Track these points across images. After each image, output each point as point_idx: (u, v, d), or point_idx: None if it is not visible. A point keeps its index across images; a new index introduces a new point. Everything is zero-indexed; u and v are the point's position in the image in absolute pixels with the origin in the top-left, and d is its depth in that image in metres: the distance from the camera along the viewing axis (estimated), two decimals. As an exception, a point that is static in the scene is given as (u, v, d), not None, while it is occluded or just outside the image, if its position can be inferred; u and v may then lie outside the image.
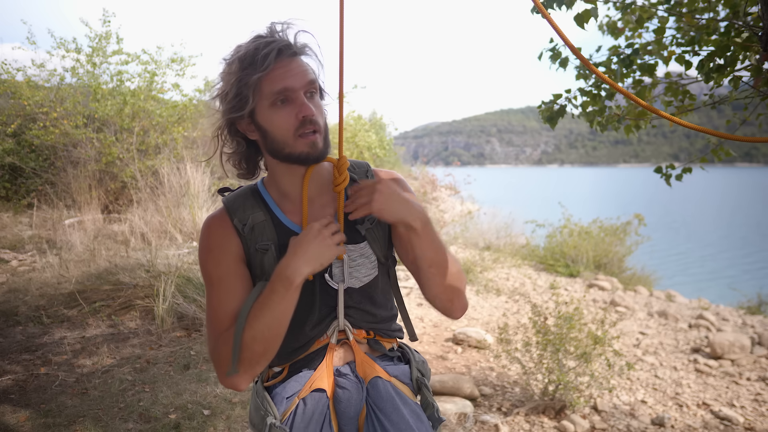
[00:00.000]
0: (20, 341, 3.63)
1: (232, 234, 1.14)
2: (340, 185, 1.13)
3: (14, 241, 6.23)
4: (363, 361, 1.20)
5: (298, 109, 1.05)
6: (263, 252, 1.12)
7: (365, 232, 1.18)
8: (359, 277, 1.18)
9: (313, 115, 1.05)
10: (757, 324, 5.41)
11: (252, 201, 1.17)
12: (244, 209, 1.15)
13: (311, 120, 1.05)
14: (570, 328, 3.12)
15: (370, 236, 1.19)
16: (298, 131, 1.06)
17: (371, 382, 1.17)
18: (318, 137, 1.07)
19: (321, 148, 1.08)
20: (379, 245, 1.20)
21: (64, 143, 7.96)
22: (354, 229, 1.18)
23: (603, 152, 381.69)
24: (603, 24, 2.75)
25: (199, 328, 3.84)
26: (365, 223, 1.18)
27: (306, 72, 1.07)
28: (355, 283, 1.17)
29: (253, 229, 1.14)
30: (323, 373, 1.17)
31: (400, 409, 1.14)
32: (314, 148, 1.07)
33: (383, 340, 1.26)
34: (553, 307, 4.33)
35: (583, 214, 9.23)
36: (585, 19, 2.19)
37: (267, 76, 1.03)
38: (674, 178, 2.63)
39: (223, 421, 2.74)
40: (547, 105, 2.68)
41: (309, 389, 1.16)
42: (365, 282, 1.19)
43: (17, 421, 2.63)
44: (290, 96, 1.05)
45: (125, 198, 8.12)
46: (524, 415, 3.05)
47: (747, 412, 3.34)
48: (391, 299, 1.29)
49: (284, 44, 1.05)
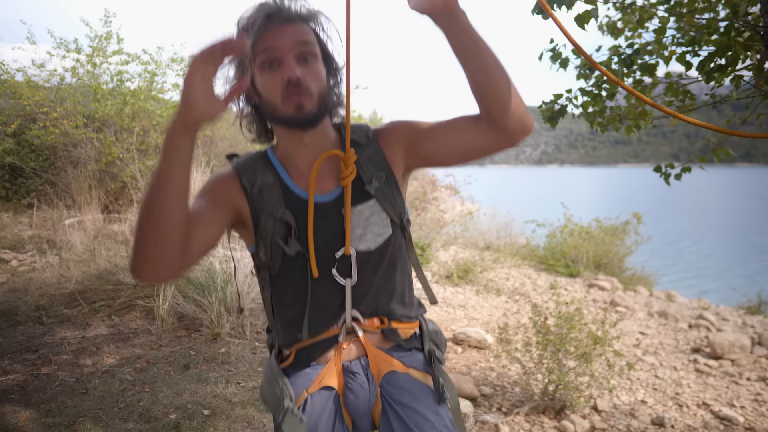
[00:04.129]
0: (20, 341, 3.63)
1: (238, 192, 1.13)
2: (347, 178, 1.11)
3: (14, 241, 6.23)
4: (376, 356, 1.17)
5: (283, 71, 1.05)
6: (270, 215, 1.11)
7: (375, 191, 1.15)
8: (372, 238, 1.14)
9: (298, 78, 1.04)
10: (757, 324, 5.41)
11: (261, 164, 1.16)
12: (254, 170, 1.15)
13: (296, 82, 1.04)
14: (570, 328, 3.12)
15: (380, 195, 1.15)
16: (284, 93, 1.05)
17: (386, 377, 1.15)
18: (305, 100, 1.06)
19: (309, 110, 1.07)
20: (390, 204, 1.17)
21: (64, 143, 7.96)
22: (362, 189, 1.15)
23: (603, 152, 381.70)
24: (603, 24, 2.75)
25: (200, 329, 3.84)
26: (373, 182, 1.15)
27: (296, 34, 1.06)
28: (370, 245, 1.14)
29: (262, 191, 1.13)
30: (332, 371, 1.15)
31: (418, 399, 1.12)
32: (300, 110, 1.06)
33: (401, 326, 1.21)
34: (554, 307, 4.33)
35: (583, 214, 9.22)
36: (585, 19, 2.19)
37: (259, 40, 1.04)
38: (673, 178, 2.63)
39: (223, 421, 2.74)
40: (548, 105, 2.68)
41: (318, 386, 1.14)
42: (379, 243, 1.15)
43: (17, 421, 2.63)
44: (278, 58, 1.05)
45: (125, 198, 8.11)
46: (524, 415, 3.05)
47: (747, 412, 3.34)
48: (407, 265, 1.24)
49: (274, 9, 1.05)
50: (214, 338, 3.72)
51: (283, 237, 1.12)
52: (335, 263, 1.14)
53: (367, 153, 1.17)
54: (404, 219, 1.20)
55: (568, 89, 2.64)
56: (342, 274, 1.14)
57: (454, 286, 6.16)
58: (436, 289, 5.96)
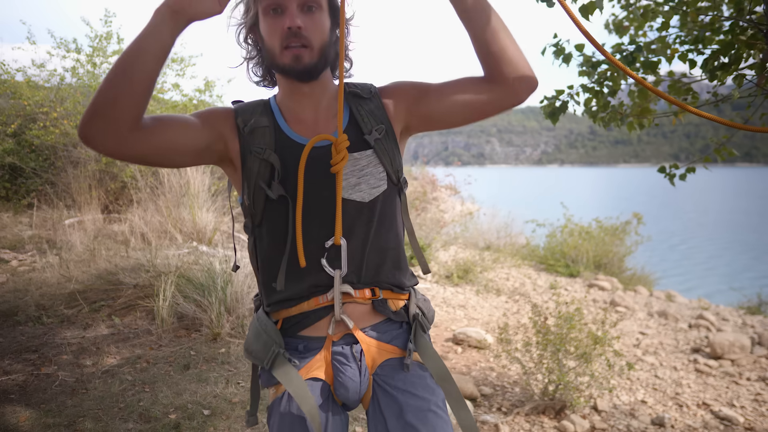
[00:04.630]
0: (20, 341, 3.63)
1: (231, 128, 1.14)
2: (338, 164, 1.08)
3: (14, 241, 6.23)
4: (370, 347, 1.15)
5: (285, 19, 1.05)
6: (257, 155, 1.11)
7: (373, 142, 1.14)
8: (367, 189, 1.13)
9: (299, 27, 1.04)
10: (757, 324, 5.41)
11: (261, 108, 1.17)
12: (252, 113, 1.16)
13: (295, 32, 1.04)
14: (570, 328, 3.12)
15: (378, 147, 1.15)
16: (283, 42, 1.06)
17: (381, 366, 1.15)
18: (304, 51, 1.06)
19: (306, 62, 1.07)
20: (388, 158, 1.16)
21: (64, 143, 7.95)
22: (362, 138, 1.15)
23: (603, 152, 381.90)
24: (609, 22, 2.75)
25: (200, 329, 3.84)
26: (373, 133, 1.15)
27: None
28: (364, 196, 1.13)
29: (253, 132, 1.13)
30: (320, 363, 1.14)
31: (413, 382, 1.12)
32: (297, 61, 1.06)
33: (391, 297, 1.19)
34: (554, 307, 4.33)
35: (583, 214, 9.22)
36: (590, 10, 2.19)
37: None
38: (678, 178, 2.62)
39: (223, 421, 2.73)
40: (549, 101, 2.67)
41: (306, 375, 1.13)
42: (374, 195, 1.13)
43: (17, 421, 2.63)
44: (282, 5, 1.05)
45: (125, 198, 8.10)
46: (524, 415, 3.04)
47: (747, 412, 3.33)
48: (401, 228, 1.22)
49: None
50: (214, 338, 3.72)
51: (267, 180, 1.11)
52: (325, 253, 1.12)
53: (369, 107, 1.17)
54: (401, 178, 1.19)
55: (569, 85, 2.63)
56: (332, 265, 1.12)
57: (454, 286, 6.16)
58: (436, 289, 5.96)
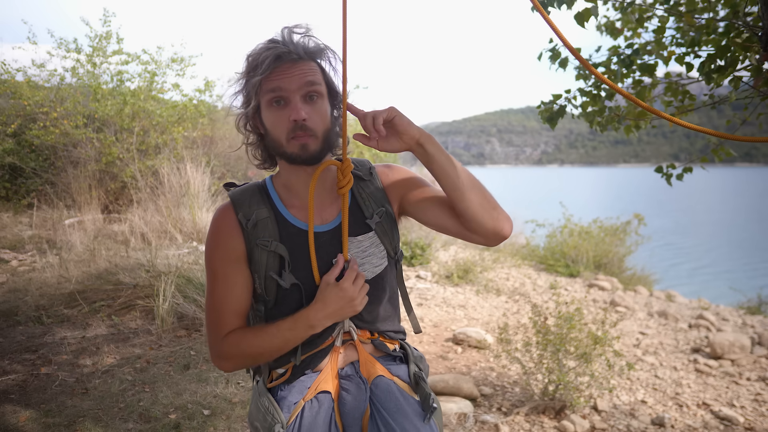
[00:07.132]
0: (20, 341, 3.63)
1: (236, 229, 1.18)
2: (344, 187, 1.15)
3: (14, 241, 6.24)
4: (366, 360, 1.22)
5: (290, 112, 1.08)
6: (263, 248, 1.16)
7: (375, 226, 1.22)
8: (370, 268, 1.21)
9: (304, 119, 1.08)
10: (757, 324, 5.41)
11: (258, 197, 1.21)
12: (249, 205, 1.19)
13: (302, 124, 1.09)
14: (570, 328, 3.12)
15: (379, 229, 1.23)
16: (290, 134, 1.10)
17: (374, 382, 1.19)
18: (310, 140, 1.10)
19: (313, 150, 1.11)
20: (388, 238, 1.24)
21: (64, 143, 7.96)
22: (363, 222, 1.22)
23: (603, 152, 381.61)
24: (602, 24, 2.75)
25: (199, 328, 3.85)
26: (374, 217, 1.22)
27: (304, 75, 1.09)
28: (367, 275, 1.20)
29: (257, 225, 1.17)
30: (328, 376, 1.19)
31: (404, 407, 1.15)
32: (304, 150, 1.11)
33: (387, 341, 1.27)
34: (554, 307, 4.33)
35: (583, 214, 9.23)
36: (585, 17, 2.20)
37: (266, 78, 1.09)
38: (675, 178, 2.63)
39: (223, 421, 2.74)
40: (547, 105, 2.68)
41: (314, 392, 1.17)
42: (376, 273, 1.22)
43: (17, 421, 2.63)
44: (285, 97, 1.09)
45: (125, 198, 8.11)
46: (524, 415, 3.05)
47: (747, 412, 3.34)
48: (396, 294, 1.31)
49: (284, 50, 1.08)
50: (214, 338, 3.72)
51: (277, 270, 1.17)
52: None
53: (369, 189, 1.25)
54: (398, 253, 1.28)
55: (567, 89, 2.65)
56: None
57: (454, 286, 6.16)
58: (436, 289, 5.97)
